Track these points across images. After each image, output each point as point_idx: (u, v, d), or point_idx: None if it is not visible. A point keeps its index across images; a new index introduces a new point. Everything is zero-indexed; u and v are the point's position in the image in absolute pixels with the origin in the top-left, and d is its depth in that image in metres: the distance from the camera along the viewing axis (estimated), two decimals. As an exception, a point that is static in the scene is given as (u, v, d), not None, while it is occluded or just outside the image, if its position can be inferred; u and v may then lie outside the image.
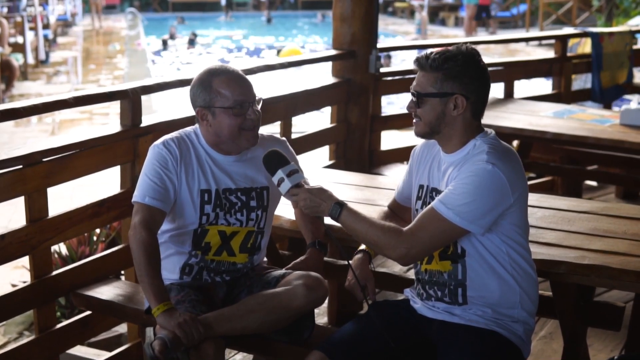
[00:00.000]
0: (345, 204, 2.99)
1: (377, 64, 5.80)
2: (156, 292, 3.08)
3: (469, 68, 2.94)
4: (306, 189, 3.02)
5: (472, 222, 2.86)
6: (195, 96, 3.29)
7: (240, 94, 3.25)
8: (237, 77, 3.29)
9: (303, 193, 3.02)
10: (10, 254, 3.65)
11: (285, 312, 3.18)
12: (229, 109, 3.23)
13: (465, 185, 2.86)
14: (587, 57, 7.56)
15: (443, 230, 2.89)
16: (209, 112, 3.27)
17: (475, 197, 2.84)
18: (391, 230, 2.93)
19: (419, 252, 2.93)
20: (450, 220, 2.86)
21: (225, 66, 3.33)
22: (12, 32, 18.17)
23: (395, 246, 2.91)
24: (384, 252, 2.96)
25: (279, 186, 3.05)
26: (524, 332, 3.01)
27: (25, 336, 5.21)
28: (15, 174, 3.61)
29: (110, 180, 4.75)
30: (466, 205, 2.84)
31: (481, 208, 2.84)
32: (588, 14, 26.50)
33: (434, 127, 2.98)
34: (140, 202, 3.23)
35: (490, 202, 2.85)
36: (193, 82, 3.32)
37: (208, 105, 3.26)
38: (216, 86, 3.24)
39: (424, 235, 2.90)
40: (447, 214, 2.86)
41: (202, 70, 3.33)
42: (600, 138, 5.57)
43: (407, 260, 2.97)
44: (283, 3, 42.37)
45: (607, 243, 3.42)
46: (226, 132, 3.27)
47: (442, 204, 2.87)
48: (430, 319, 3.07)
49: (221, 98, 3.24)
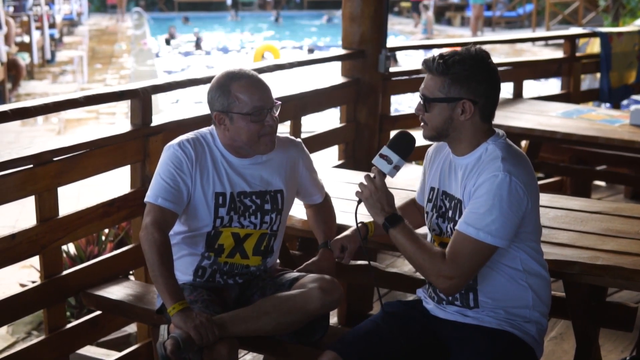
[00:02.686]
0: (403, 220, 2.94)
1: (386, 63, 5.78)
2: (171, 291, 3.06)
3: (477, 72, 2.90)
4: (385, 186, 2.97)
5: (504, 238, 2.82)
6: (213, 100, 3.24)
7: (259, 99, 3.20)
8: (256, 82, 3.24)
9: (380, 184, 2.96)
10: (21, 254, 3.64)
11: (300, 315, 3.15)
12: (247, 115, 3.19)
13: (488, 202, 2.80)
14: (596, 57, 7.54)
15: (478, 252, 2.83)
16: (227, 117, 3.22)
17: (500, 212, 2.79)
18: (436, 256, 2.86)
19: (461, 280, 2.85)
20: (483, 240, 2.81)
21: (244, 70, 3.27)
22: (19, 31, 18.20)
23: (438, 274, 2.85)
24: (428, 278, 2.94)
25: (380, 160, 2.98)
26: (537, 332, 2.99)
27: (33, 336, 5.21)
28: (26, 173, 3.60)
29: (117, 179, 4.75)
30: (494, 223, 2.79)
31: (509, 223, 2.81)
32: (594, 14, 26.44)
33: (441, 131, 2.96)
34: (153, 203, 3.21)
35: (516, 215, 2.82)
36: (211, 85, 3.27)
37: (226, 110, 3.21)
38: (235, 91, 3.19)
39: (464, 262, 2.83)
40: (477, 236, 2.81)
41: (221, 73, 3.28)
42: (610, 138, 5.55)
43: (452, 291, 2.91)
44: (289, 3, 42.36)
45: (620, 243, 3.40)
46: (244, 138, 3.23)
47: (469, 225, 2.82)
48: (442, 319, 3.06)
49: (239, 104, 3.19)
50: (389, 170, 2.98)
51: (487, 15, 30.17)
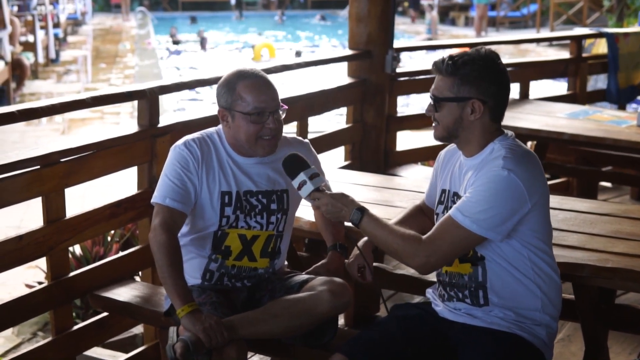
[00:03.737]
0: (366, 210, 2.97)
1: (393, 64, 5.77)
2: (180, 293, 3.05)
3: (487, 72, 2.92)
4: (328, 194, 3.01)
5: (490, 229, 2.84)
6: (220, 95, 3.27)
7: (262, 101, 3.21)
8: (263, 83, 3.25)
9: (325, 198, 3.00)
10: (28, 255, 3.62)
11: (309, 318, 3.15)
12: (248, 115, 3.21)
13: (481, 193, 2.84)
14: (602, 57, 7.53)
15: (461, 238, 2.87)
16: (229, 114, 3.25)
17: (492, 204, 2.81)
18: (411, 238, 2.91)
19: (437, 260, 2.91)
20: (468, 228, 2.84)
21: (255, 70, 3.29)
22: (23, 31, 18.19)
23: (414, 255, 2.89)
24: (404, 260, 2.94)
25: (300, 189, 3.03)
26: (547, 336, 2.98)
27: (39, 336, 5.20)
28: (33, 175, 3.59)
29: (124, 180, 4.73)
30: (483, 213, 2.82)
31: (498, 215, 2.82)
32: (599, 14, 26.40)
33: (451, 131, 2.97)
34: (161, 204, 3.20)
35: (508, 209, 2.83)
36: (220, 81, 3.30)
37: (229, 107, 3.24)
38: (239, 89, 3.21)
39: (443, 244, 2.88)
40: (464, 222, 2.84)
41: (232, 70, 3.31)
42: (617, 139, 5.54)
43: (427, 269, 2.95)
44: (293, 2, 42.34)
45: (629, 246, 3.39)
46: (243, 137, 3.25)
47: (459, 211, 2.86)
48: (451, 321, 3.05)
49: (242, 102, 3.21)
50: (313, 185, 3.01)
51: (491, 15, 30.12)
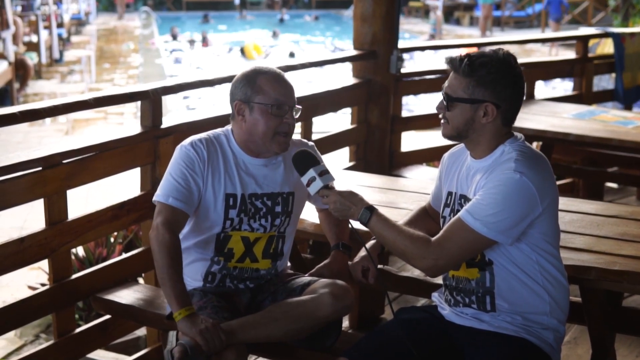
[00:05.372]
0: (375, 210, 2.94)
1: (398, 64, 5.74)
2: (178, 296, 3.02)
3: (503, 76, 2.87)
4: (337, 192, 2.98)
5: (500, 233, 2.80)
6: (236, 90, 3.25)
7: (283, 94, 3.21)
8: (282, 79, 3.27)
9: (333, 195, 2.98)
10: (30, 258, 3.60)
11: (311, 321, 3.11)
12: (268, 107, 3.19)
13: (492, 195, 2.80)
14: (608, 57, 7.50)
15: (470, 241, 2.83)
16: (247, 107, 3.22)
17: (503, 207, 2.77)
18: (420, 240, 2.87)
19: (446, 263, 2.87)
20: (478, 231, 2.80)
21: (272, 67, 3.31)
22: (27, 31, 18.23)
23: (422, 256, 2.85)
24: (411, 261, 2.90)
25: (309, 186, 3.01)
26: (554, 340, 2.95)
27: (42, 339, 5.17)
28: (35, 176, 3.57)
29: (125, 180, 4.70)
30: (494, 216, 2.78)
31: (509, 219, 2.78)
32: (604, 13, 26.39)
33: (461, 131, 2.93)
34: (164, 203, 3.17)
35: (519, 213, 2.79)
36: (236, 77, 3.29)
37: (247, 99, 3.21)
38: (260, 83, 3.21)
39: (452, 246, 2.84)
40: (474, 225, 2.80)
41: (249, 67, 3.31)
42: (623, 140, 5.52)
43: (435, 271, 2.92)
44: (297, 2, 42.34)
45: (637, 248, 3.35)
46: (260, 132, 3.22)
47: (469, 214, 2.82)
48: (458, 325, 3.02)
49: (262, 95, 3.20)
50: (323, 182, 3.00)
51: (496, 15, 30.14)
